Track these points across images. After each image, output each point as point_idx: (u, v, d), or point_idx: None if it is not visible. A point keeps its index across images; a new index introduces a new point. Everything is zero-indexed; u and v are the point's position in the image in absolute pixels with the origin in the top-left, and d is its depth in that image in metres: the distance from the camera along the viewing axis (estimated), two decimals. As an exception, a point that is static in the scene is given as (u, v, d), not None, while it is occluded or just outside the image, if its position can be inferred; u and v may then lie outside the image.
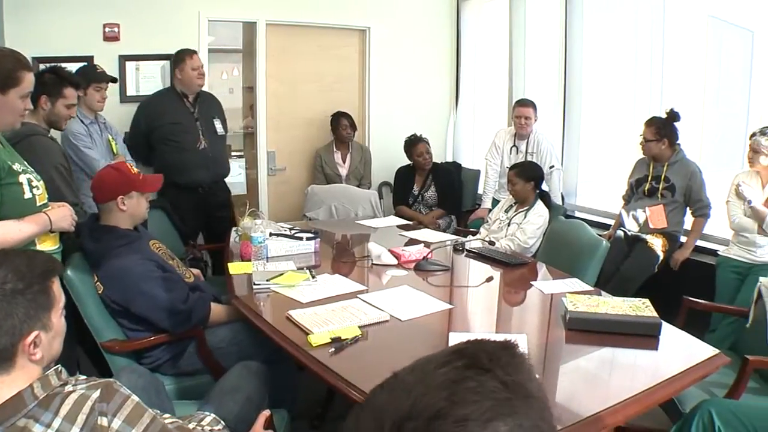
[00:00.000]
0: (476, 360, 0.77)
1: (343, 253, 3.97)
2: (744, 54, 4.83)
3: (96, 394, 1.55)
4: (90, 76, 4.36)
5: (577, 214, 5.96)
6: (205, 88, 5.34)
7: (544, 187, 5.01)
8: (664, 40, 5.36)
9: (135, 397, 1.63)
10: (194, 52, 4.99)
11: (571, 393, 2.34)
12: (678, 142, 4.76)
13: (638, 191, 4.89)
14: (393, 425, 0.71)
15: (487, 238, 4.46)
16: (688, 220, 4.84)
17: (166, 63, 5.53)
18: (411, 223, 5.35)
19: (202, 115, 5.02)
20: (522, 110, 5.74)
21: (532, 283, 3.51)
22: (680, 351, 2.69)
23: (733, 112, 4.91)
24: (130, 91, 5.56)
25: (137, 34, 5.50)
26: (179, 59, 4.93)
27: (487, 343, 0.82)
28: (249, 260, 3.71)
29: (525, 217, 4.68)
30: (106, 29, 5.39)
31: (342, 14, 6.54)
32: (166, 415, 2.01)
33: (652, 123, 4.74)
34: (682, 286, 4.13)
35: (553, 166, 5.60)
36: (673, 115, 4.70)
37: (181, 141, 4.91)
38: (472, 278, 3.78)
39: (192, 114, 4.97)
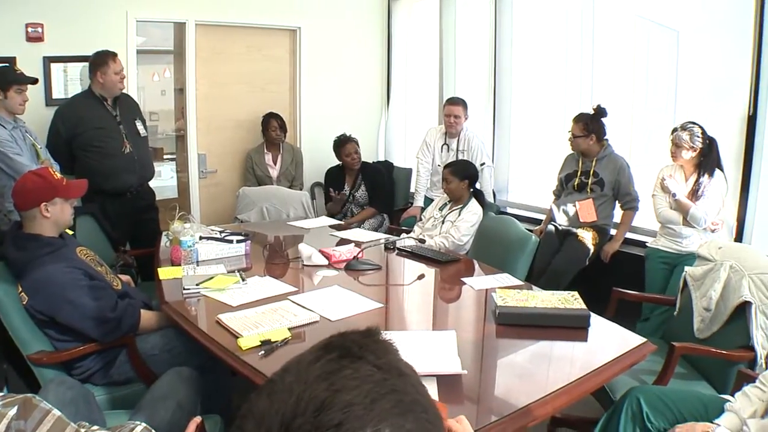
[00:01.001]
0: (347, 350, 0.80)
1: (274, 255, 3.95)
2: (670, 53, 4.95)
3: (12, 411, 1.49)
4: (9, 77, 4.20)
5: (509, 210, 6.06)
6: (132, 92, 5.25)
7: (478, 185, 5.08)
8: (593, 38, 5.46)
9: (56, 411, 1.58)
10: (115, 54, 4.76)
11: (501, 386, 2.39)
12: (606, 137, 4.87)
13: (568, 186, 4.99)
14: (281, 426, 0.71)
15: (420, 236, 4.51)
16: (618, 214, 4.95)
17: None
18: (343, 222, 5.38)
19: (124, 118, 4.85)
20: (451, 108, 5.78)
21: (463, 279, 3.55)
22: (609, 341, 2.77)
23: (660, 108, 5.02)
24: (57, 94, 5.37)
25: (62, 35, 5.33)
26: (101, 62, 4.68)
27: (352, 334, 0.85)
28: (179, 265, 3.68)
29: (459, 214, 4.72)
30: (29, 29, 5.20)
31: (272, 14, 6.49)
32: (95, 427, 1.97)
33: (580, 119, 4.84)
34: (613, 277, 4.23)
35: (483, 164, 5.65)
36: (600, 111, 4.81)
37: (105, 146, 4.71)
38: (403, 276, 3.81)
39: (114, 117, 4.78)
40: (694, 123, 4.21)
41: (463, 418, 1.48)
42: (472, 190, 4.85)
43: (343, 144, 6.16)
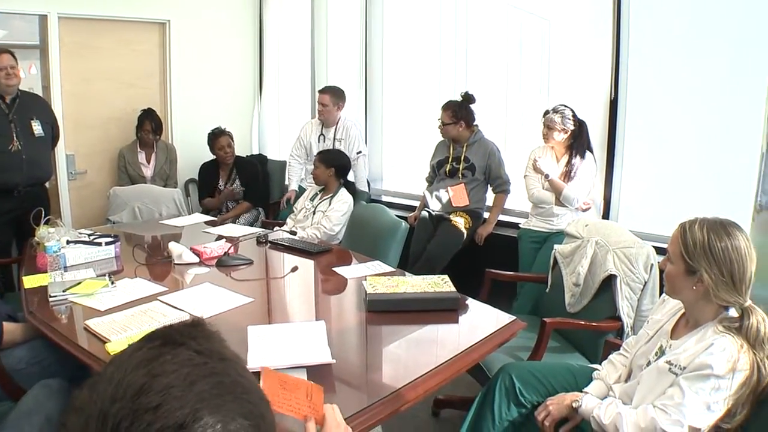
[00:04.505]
0: (169, 338, 0.83)
1: (145, 256, 3.85)
2: (542, 41, 5.08)
3: None
4: None
5: (383, 197, 6.16)
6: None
7: (352, 175, 5.12)
8: (467, 27, 5.54)
9: None
10: (2, 51, 4.70)
11: (373, 373, 2.42)
12: (475, 123, 4.97)
13: (440, 172, 5.07)
14: (99, 414, 0.72)
15: (292, 228, 4.51)
16: (490, 197, 5.06)
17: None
18: (216, 219, 5.31)
19: (19, 117, 4.82)
20: (319, 96, 5.79)
21: (335, 269, 3.59)
22: (479, 321, 2.86)
23: (533, 94, 5.16)
24: None
25: None
26: None
27: (177, 324, 0.88)
28: (45, 271, 3.51)
29: (330, 204, 4.76)
30: None
31: (140, 7, 6.30)
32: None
33: (448, 107, 4.93)
34: (489, 259, 4.33)
35: (360, 152, 5.70)
36: (467, 98, 4.90)
37: None
38: (276, 270, 3.80)
39: (6, 116, 4.76)
40: (565, 106, 4.35)
41: (334, 406, 1.50)
42: (342, 180, 4.89)
43: (216, 138, 6.10)
